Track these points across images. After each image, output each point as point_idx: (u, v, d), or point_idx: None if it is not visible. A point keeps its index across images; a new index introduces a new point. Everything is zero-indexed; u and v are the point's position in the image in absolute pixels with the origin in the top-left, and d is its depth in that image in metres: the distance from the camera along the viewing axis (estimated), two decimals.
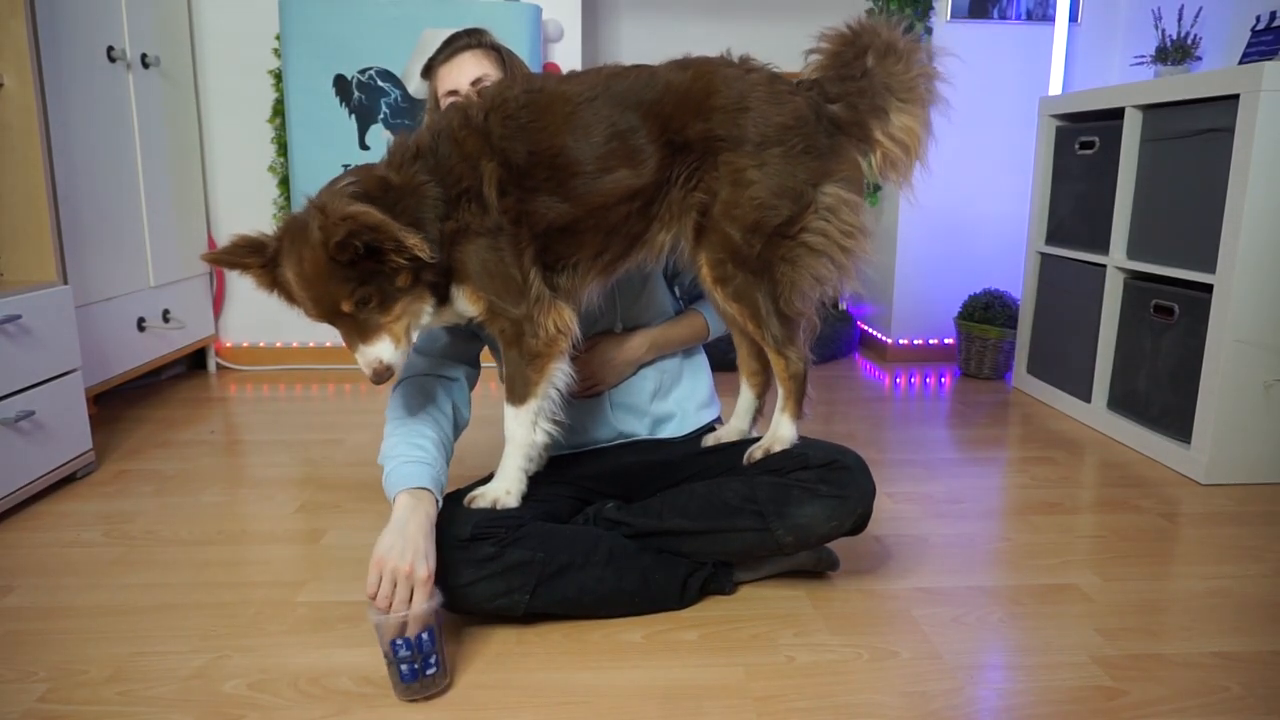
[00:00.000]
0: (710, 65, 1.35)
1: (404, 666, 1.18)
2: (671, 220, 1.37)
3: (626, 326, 1.59)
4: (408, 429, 1.41)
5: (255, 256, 1.22)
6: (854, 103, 1.35)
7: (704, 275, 1.38)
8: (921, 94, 1.36)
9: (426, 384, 1.50)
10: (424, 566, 1.21)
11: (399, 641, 1.18)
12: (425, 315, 1.28)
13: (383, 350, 1.24)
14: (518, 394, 1.36)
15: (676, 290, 1.69)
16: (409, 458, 1.35)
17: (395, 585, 1.19)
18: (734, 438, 1.57)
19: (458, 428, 1.52)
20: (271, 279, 1.24)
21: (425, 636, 1.19)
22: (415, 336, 1.28)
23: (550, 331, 1.33)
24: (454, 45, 1.55)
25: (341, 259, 1.15)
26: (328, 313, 1.22)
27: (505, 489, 1.39)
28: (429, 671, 1.20)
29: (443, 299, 1.30)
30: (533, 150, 1.29)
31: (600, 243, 1.35)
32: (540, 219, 1.31)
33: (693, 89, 1.32)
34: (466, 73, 1.52)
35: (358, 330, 1.24)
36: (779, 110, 1.32)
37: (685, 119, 1.32)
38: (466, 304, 1.32)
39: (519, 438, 1.38)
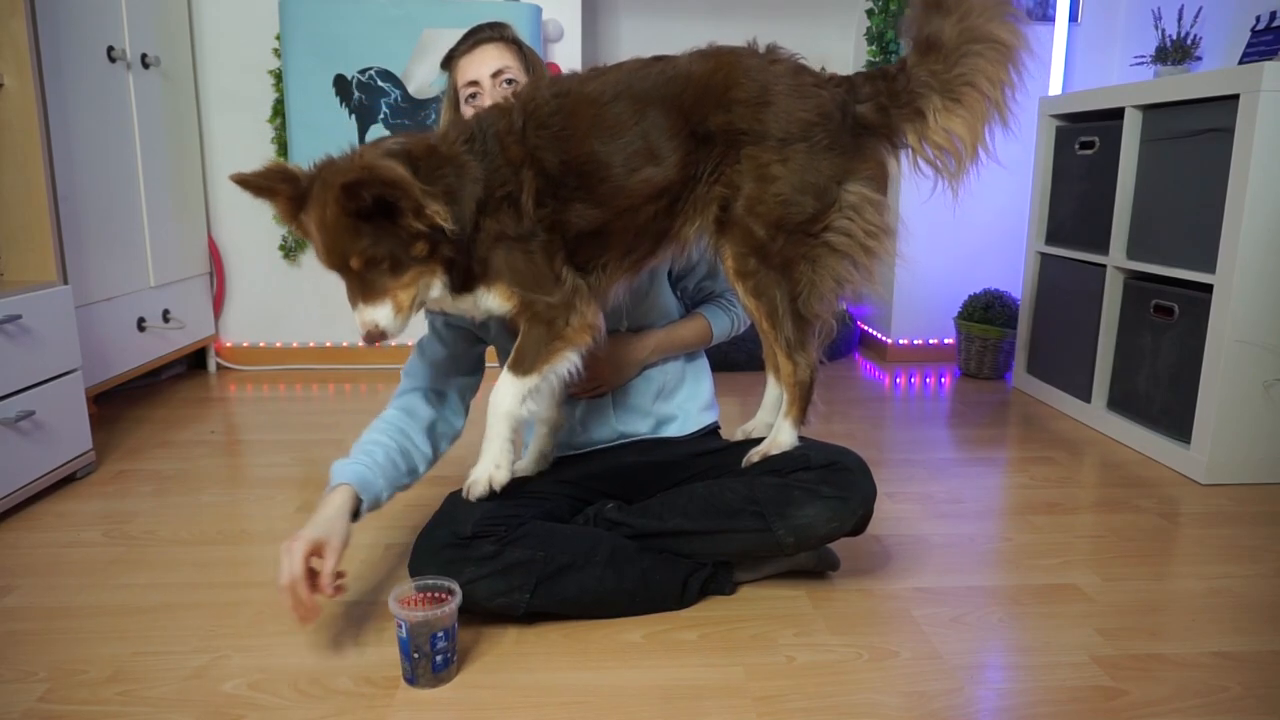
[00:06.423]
0: (733, 55, 1.33)
1: (439, 657, 1.23)
2: (695, 214, 1.36)
3: (632, 327, 1.59)
4: (368, 436, 1.49)
5: (287, 186, 1.21)
6: (883, 104, 1.32)
7: (728, 268, 1.38)
8: (971, 95, 1.30)
9: (415, 403, 1.55)
10: (301, 543, 1.26)
11: (439, 634, 1.22)
12: (435, 290, 1.26)
13: (381, 314, 1.23)
14: (524, 365, 1.33)
15: (679, 294, 1.69)
16: (349, 459, 1.43)
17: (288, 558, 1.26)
18: (764, 432, 1.55)
19: (436, 438, 1.56)
20: (294, 214, 1.23)
21: (454, 627, 1.25)
22: (420, 309, 1.28)
23: (586, 319, 1.32)
24: (476, 36, 1.54)
25: (350, 206, 1.14)
26: (338, 264, 1.22)
27: (494, 463, 1.36)
28: (453, 659, 1.26)
29: (460, 286, 1.29)
30: (564, 159, 1.29)
31: (629, 242, 1.35)
32: (572, 226, 1.31)
33: (713, 80, 1.31)
34: (488, 64, 1.51)
35: (362, 288, 1.23)
36: (803, 105, 1.30)
37: (706, 111, 1.31)
38: (499, 301, 1.31)
39: (504, 406, 1.33)
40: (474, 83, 1.51)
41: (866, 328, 3.62)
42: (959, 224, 3.26)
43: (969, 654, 1.34)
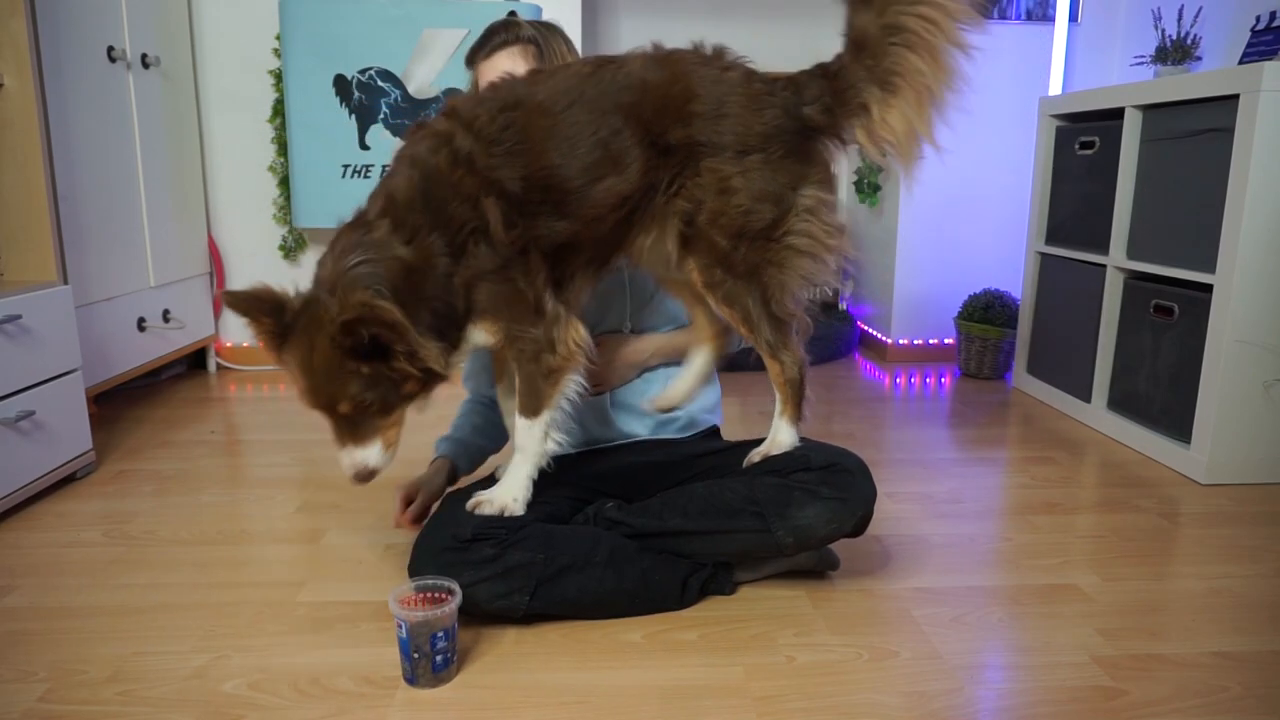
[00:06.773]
0: (687, 64, 1.34)
1: (439, 657, 1.23)
2: (652, 224, 1.37)
3: (635, 329, 1.59)
4: (457, 418, 1.73)
5: (272, 318, 1.20)
6: (828, 105, 1.33)
7: (695, 279, 1.38)
8: (905, 86, 1.29)
9: (480, 397, 1.73)
10: (401, 490, 1.57)
11: (439, 634, 1.22)
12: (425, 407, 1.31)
13: (371, 455, 1.25)
14: (531, 406, 1.36)
15: None
16: (445, 435, 1.69)
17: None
18: (676, 398, 1.56)
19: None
20: (278, 345, 1.22)
21: (454, 627, 1.25)
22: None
23: (570, 347, 1.34)
24: (492, 42, 1.55)
25: (346, 344, 1.14)
26: (324, 406, 1.21)
27: (513, 496, 1.39)
28: (453, 659, 1.26)
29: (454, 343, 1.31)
30: (524, 176, 1.28)
31: (592, 251, 1.36)
32: (546, 240, 1.31)
33: (672, 92, 1.31)
34: (502, 72, 1.51)
35: (350, 430, 1.24)
36: (759, 117, 1.31)
37: (666, 124, 1.31)
38: (484, 335, 1.32)
39: (530, 448, 1.39)
40: None
41: (866, 328, 3.62)
42: (959, 224, 3.26)
43: (969, 654, 1.34)
